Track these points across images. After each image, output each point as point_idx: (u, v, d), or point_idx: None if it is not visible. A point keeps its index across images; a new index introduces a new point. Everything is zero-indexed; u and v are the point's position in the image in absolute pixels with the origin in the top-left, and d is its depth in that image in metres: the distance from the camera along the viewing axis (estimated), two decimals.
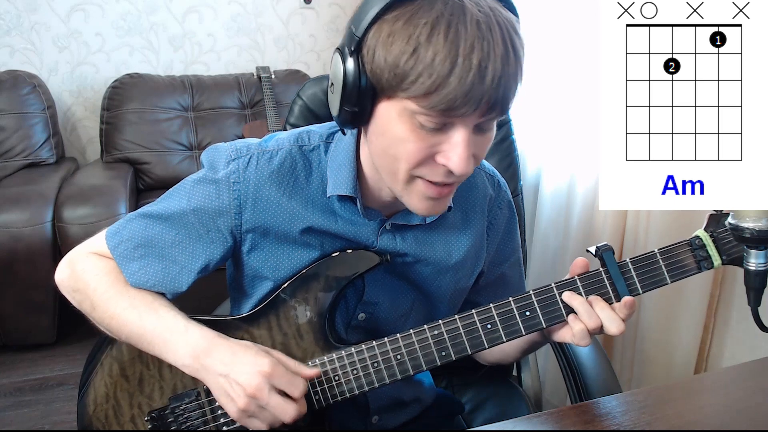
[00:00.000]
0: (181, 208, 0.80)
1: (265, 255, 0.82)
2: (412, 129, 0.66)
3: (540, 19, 1.66)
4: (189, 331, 0.76)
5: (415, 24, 0.61)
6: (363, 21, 0.65)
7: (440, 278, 0.87)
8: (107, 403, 0.82)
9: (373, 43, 0.64)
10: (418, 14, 0.61)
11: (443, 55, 0.60)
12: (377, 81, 0.65)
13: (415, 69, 0.61)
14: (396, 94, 0.65)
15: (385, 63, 0.63)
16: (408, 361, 0.76)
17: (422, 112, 0.64)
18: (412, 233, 0.84)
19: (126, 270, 0.80)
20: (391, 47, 0.63)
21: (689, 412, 0.72)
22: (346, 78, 0.66)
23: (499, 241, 0.92)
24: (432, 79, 0.61)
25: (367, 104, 0.68)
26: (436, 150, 0.67)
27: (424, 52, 0.61)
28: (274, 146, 0.81)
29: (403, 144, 0.67)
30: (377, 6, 0.63)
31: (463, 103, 0.62)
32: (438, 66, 0.60)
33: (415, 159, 0.68)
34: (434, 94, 0.62)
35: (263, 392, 0.70)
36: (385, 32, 0.63)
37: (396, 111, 0.66)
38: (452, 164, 0.67)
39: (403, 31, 0.62)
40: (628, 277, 0.73)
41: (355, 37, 0.66)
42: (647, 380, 1.44)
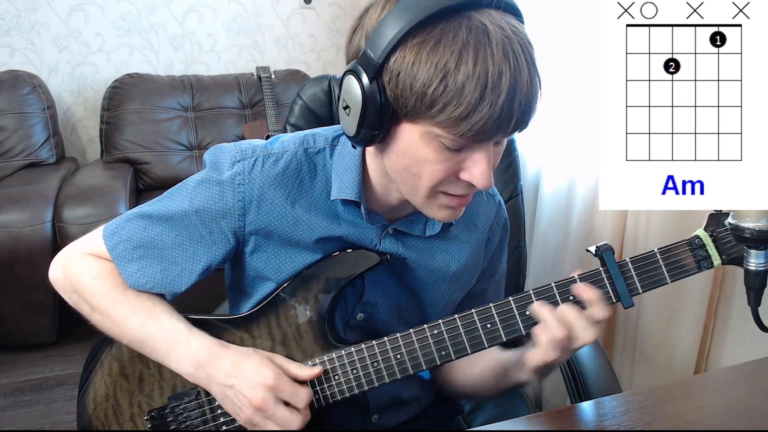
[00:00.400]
0: (183, 209, 0.79)
1: (268, 257, 0.81)
2: (435, 150, 0.66)
3: (540, 19, 1.66)
4: (191, 339, 0.76)
5: (442, 52, 0.61)
6: (382, 46, 0.63)
7: (436, 287, 0.87)
8: (107, 403, 0.82)
9: (395, 70, 0.63)
10: (443, 41, 0.61)
11: (474, 83, 0.60)
12: (401, 106, 0.65)
13: (443, 96, 0.61)
14: (420, 120, 0.65)
15: (410, 91, 0.63)
16: (408, 360, 0.76)
17: (448, 136, 0.64)
18: (413, 241, 0.84)
19: (124, 271, 0.80)
20: (417, 74, 0.62)
21: (689, 412, 0.72)
22: (366, 102, 0.65)
23: (490, 259, 0.93)
24: (462, 107, 0.61)
25: (386, 126, 0.67)
26: (460, 168, 0.68)
27: (452, 80, 0.61)
28: (280, 149, 0.81)
29: (426, 165, 0.68)
30: (397, 31, 0.62)
31: (493, 128, 0.63)
32: (468, 95, 0.61)
33: (438, 178, 0.69)
34: (464, 122, 0.62)
35: (269, 405, 0.72)
36: (410, 59, 0.62)
37: (419, 133, 0.66)
38: (476, 180, 0.68)
39: (429, 59, 0.61)
40: (628, 277, 0.74)
41: (374, 63, 0.64)
42: (647, 380, 1.44)
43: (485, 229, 0.90)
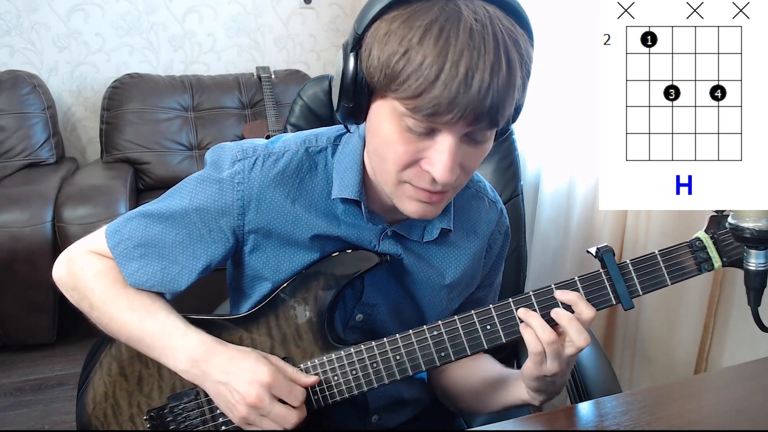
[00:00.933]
0: (183, 207, 0.80)
1: (266, 256, 0.81)
2: (400, 131, 0.66)
3: (540, 18, 1.66)
4: (188, 336, 0.76)
5: (410, 26, 0.61)
6: (364, 19, 0.65)
7: (433, 294, 0.87)
8: (106, 402, 0.82)
9: (370, 42, 0.65)
10: (414, 17, 0.62)
11: (431, 60, 0.60)
12: (371, 79, 0.66)
13: (404, 71, 0.62)
14: (387, 94, 0.65)
15: (378, 62, 0.64)
16: (407, 361, 0.76)
17: (409, 114, 0.64)
18: (411, 245, 0.84)
19: (125, 269, 0.80)
20: (384, 47, 0.63)
21: (689, 412, 0.72)
22: (344, 74, 0.67)
23: (491, 266, 0.93)
24: (418, 82, 0.61)
25: (362, 101, 0.68)
26: (422, 155, 0.67)
27: (414, 55, 0.61)
28: (281, 148, 0.81)
29: (391, 145, 0.68)
30: (378, 5, 0.64)
31: (447, 110, 0.62)
32: (425, 70, 0.61)
33: (401, 161, 0.68)
34: (420, 98, 0.62)
35: (264, 402, 0.71)
36: (382, 31, 0.63)
37: (387, 110, 0.67)
38: (435, 171, 0.66)
39: (398, 32, 0.62)
40: (628, 279, 0.73)
41: (356, 35, 0.66)
42: (647, 380, 1.44)
43: (486, 236, 0.90)
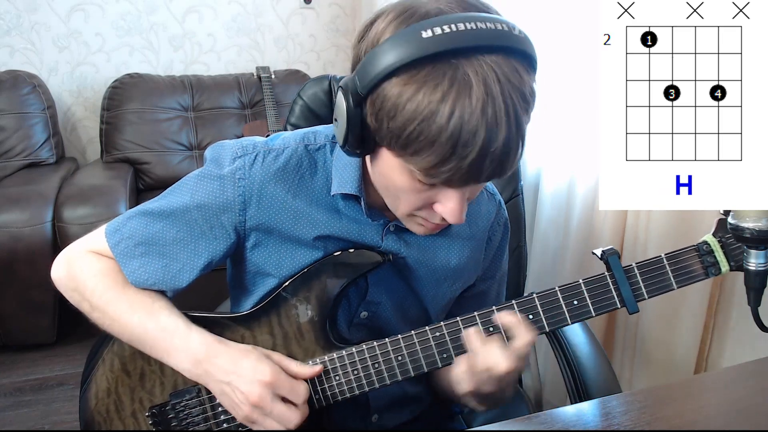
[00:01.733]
0: (184, 204, 0.79)
1: (268, 252, 0.82)
2: (410, 181, 0.67)
3: (540, 18, 1.66)
4: (190, 336, 0.76)
5: (421, 98, 0.59)
6: (368, 77, 0.62)
7: (438, 286, 0.87)
8: (108, 398, 0.83)
9: (378, 103, 0.62)
10: (424, 88, 0.59)
11: (446, 137, 0.59)
12: (380, 138, 0.65)
13: (416, 143, 0.61)
14: (398, 154, 0.65)
15: (387, 128, 0.62)
16: (409, 362, 0.76)
17: (421, 175, 0.64)
18: (414, 238, 0.84)
19: (126, 268, 0.80)
20: (395, 115, 0.61)
21: (689, 412, 0.72)
22: (349, 123, 0.65)
23: (491, 259, 0.93)
24: (432, 157, 0.61)
25: (369, 146, 0.67)
26: (434, 200, 0.69)
27: (426, 130, 0.60)
28: (280, 145, 0.81)
29: (402, 192, 0.69)
30: (384, 66, 0.60)
31: (462, 180, 0.63)
32: (439, 147, 0.60)
33: (413, 206, 0.71)
34: (433, 170, 0.62)
35: (266, 401, 0.72)
36: (391, 97, 0.61)
37: (396, 163, 0.66)
38: (447, 216, 0.69)
39: (409, 102, 0.60)
40: (634, 282, 0.73)
41: (359, 93, 0.63)
42: (647, 380, 1.44)
43: (486, 228, 0.90)
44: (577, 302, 0.73)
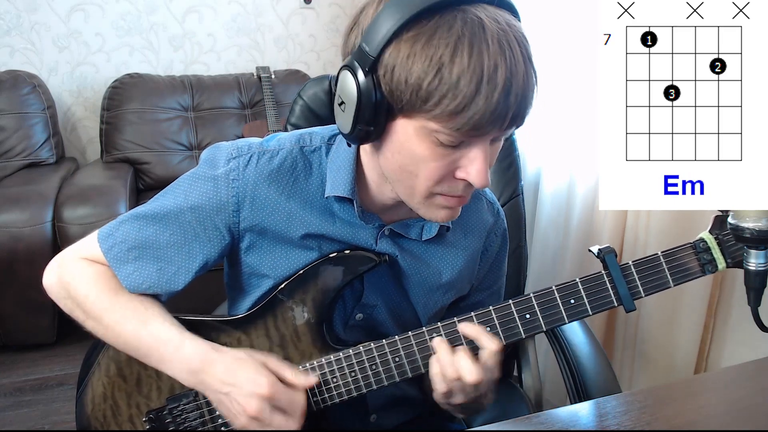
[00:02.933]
0: (178, 206, 0.79)
1: (262, 254, 0.81)
2: (430, 147, 0.66)
3: (540, 18, 1.66)
4: (183, 345, 0.75)
5: (436, 44, 0.60)
6: (377, 40, 0.62)
7: (429, 295, 0.86)
8: (105, 403, 0.82)
9: (390, 63, 0.63)
10: (438, 34, 0.60)
11: (469, 76, 0.60)
12: (396, 101, 0.64)
13: (439, 90, 0.61)
14: (414, 114, 0.64)
15: (406, 84, 0.62)
16: (406, 363, 0.76)
17: (443, 131, 0.64)
18: (408, 244, 0.84)
19: (120, 273, 0.79)
20: (411, 68, 0.61)
21: (689, 412, 0.72)
22: (360, 97, 0.64)
23: (488, 269, 0.93)
24: (458, 100, 0.61)
25: (381, 122, 0.66)
26: (456, 166, 0.68)
27: (448, 73, 0.60)
28: (275, 146, 0.81)
29: (422, 162, 0.67)
30: (392, 25, 0.61)
31: (489, 122, 0.62)
32: (464, 87, 0.60)
33: (435, 177, 0.68)
34: (460, 115, 0.61)
35: (264, 414, 0.71)
36: (404, 52, 0.62)
37: (413, 129, 0.65)
38: (473, 179, 0.67)
39: (424, 52, 0.61)
40: (630, 280, 0.73)
41: (369, 57, 0.63)
42: (647, 380, 1.44)
43: (482, 236, 0.89)
44: (574, 301, 0.73)
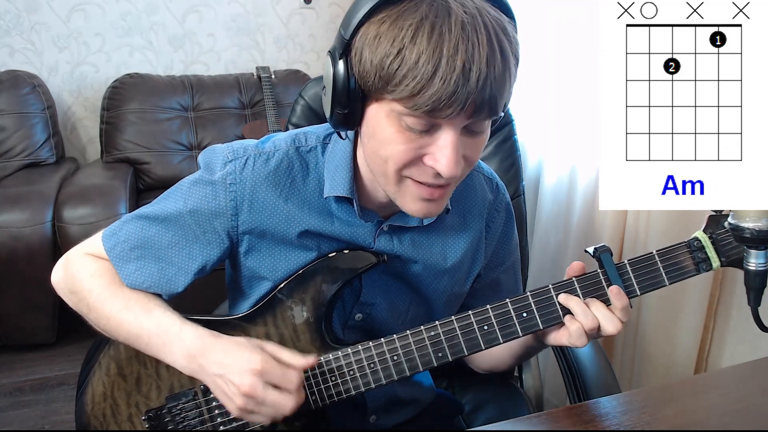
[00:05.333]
0: (178, 210, 0.80)
1: (262, 256, 0.82)
2: (399, 130, 0.66)
3: (540, 18, 1.66)
4: (183, 331, 0.76)
5: (400, 26, 0.61)
6: (351, 24, 0.64)
7: (436, 281, 0.87)
8: (105, 402, 0.82)
9: (360, 45, 0.64)
10: (403, 16, 0.61)
11: (427, 57, 0.60)
12: (365, 83, 0.65)
13: (400, 71, 0.62)
14: (383, 96, 0.65)
15: (371, 65, 0.63)
16: (405, 362, 0.76)
17: (408, 113, 0.64)
18: (409, 235, 0.84)
19: (122, 271, 0.80)
20: (376, 49, 0.63)
21: (689, 412, 0.72)
22: (335, 80, 0.66)
23: (496, 245, 0.92)
24: (416, 80, 0.61)
25: (356, 106, 0.68)
26: (424, 152, 0.67)
27: (408, 54, 0.61)
28: (271, 148, 0.81)
29: (391, 145, 0.67)
30: (364, 8, 0.63)
31: (447, 104, 0.62)
32: (422, 68, 0.60)
33: (402, 160, 0.68)
34: (418, 96, 0.62)
35: (257, 389, 0.71)
36: (372, 34, 0.63)
37: (384, 113, 0.66)
38: (439, 166, 0.67)
39: (388, 33, 0.62)
40: (626, 279, 0.73)
41: (343, 40, 0.65)
42: (647, 380, 1.44)
43: (483, 215, 0.89)
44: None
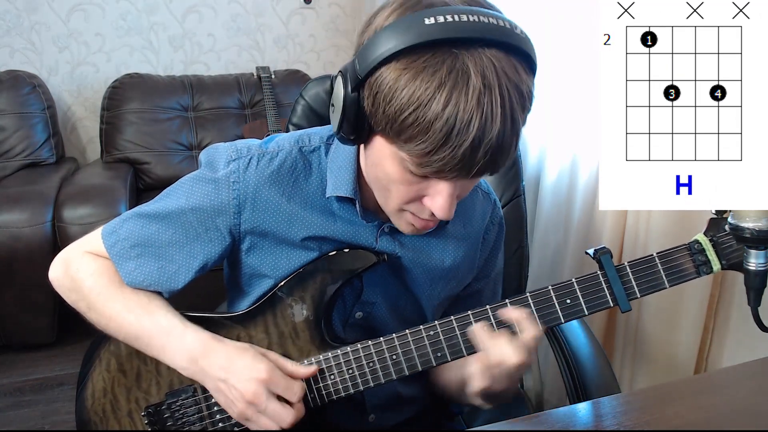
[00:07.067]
0: (179, 207, 0.80)
1: (263, 255, 0.82)
2: (401, 172, 0.67)
3: (541, 17, 1.66)
4: (185, 333, 0.76)
5: (419, 84, 0.60)
6: (368, 60, 0.62)
7: (433, 286, 0.87)
8: (105, 398, 0.83)
9: (375, 86, 0.63)
10: (423, 74, 0.60)
11: (440, 125, 0.60)
12: (376, 122, 0.65)
13: (411, 128, 0.61)
14: (391, 141, 0.65)
15: (383, 113, 0.63)
16: (403, 361, 0.76)
17: (412, 165, 0.65)
18: (409, 239, 0.84)
19: (122, 269, 0.80)
20: (392, 100, 0.62)
21: (689, 412, 0.72)
22: (345, 108, 0.66)
23: (486, 258, 0.93)
24: (426, 144, 0.61)
25: (363, 133, 0.68)
26: (423, 193, 0.69)
27: (422, 116, 0.60)
28: (275, 147, 0.81)
29: (393, 183, 0.69)
30: (385, 50, 0.61)
31: (453, 171, 0.63)
32: (433, 134, 0.60)
33: (404, 198, 0.70)
34: (426, 158, 0.62)
35: (261, 399, 0.72)
36: (389, 81, 0.62)
37: (389, 151, 0.67)
38: (436, 210, 0.68)
39: (406, 87, 0.60)
40: (626, 281, 0.73)
41: (357, 75, 0.64)
42: (647, 380, 1.44)
43: (481, 227, 0.90)
44: (570, 301, 0.74)
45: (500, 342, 0.71)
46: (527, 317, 0.72)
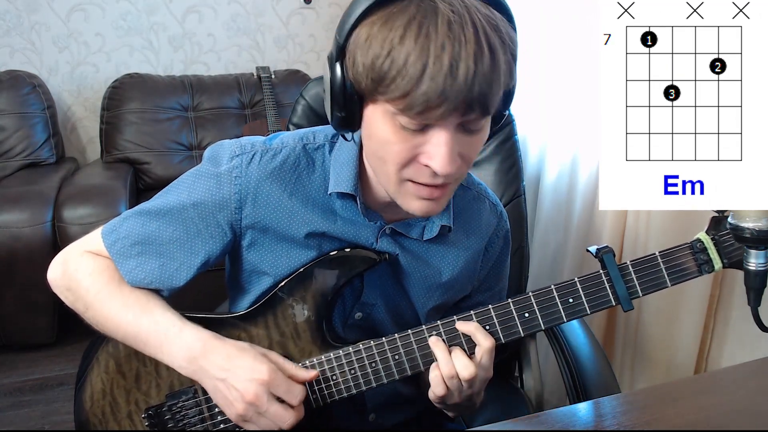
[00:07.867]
0: (181, 203, 0.80)
1: (264, 251, 0.82)
2: (394, 130, 0.66)
3: (541, 17, 1.66)
4: (184, 332, 0.76)
5: (389, 27, 0.62)
6: (344, 28, 0.65)
7: (429, 294, 0.87)
8: (104, 400, 0.82)
9: (353, 49, 0.65)
10: (392, 18, 0.62)
11: (414, 57, 0.60)
12: (359, 85, 0.66)
13: (390, 72, 0.62)
14: (377, 98, 0.65)
15: (363, 67, 0.64)
16: (406, 361, 0.76)
17: (401, 113, 0.64)
18: (409, 244, 0.84)
19: (122, 268, 0.80)
20: (368, 51, 0.63)
21: (689, 412, 0.72)
22: (333, 84, 0.67)
23: (489, 270, 0.93)
24: (405, 81, 0.61)
25: (354, 109, 0.68)
26: (420, 151, 0.67)
27: (397, 55, 0.61)
28: (279, 144, 0.81)
29: (388, 145, 0.68)
30: (356, 12, 0.64)
31: (437, 103, 0.62)
32: (410, 68, 0.61)
33: (399, 160, 0.68)
34: (409, 96, 0.62)
35: (262, 400, 0.71)
36: (363, 37, 0.64)
37: (379, 113, 0.67)
38: (434, 165, 0.66)
39: (378, 35, 0.62)
40: (628, 280, 0.73)
41: (338, 44, 0.66)
42: (647, 380, 1.44)
43: (485, 238, 0.89)
44: (573, 300, 0.74)
45: (454, 356, 0.74)
46: (477, 330, 0.74)
